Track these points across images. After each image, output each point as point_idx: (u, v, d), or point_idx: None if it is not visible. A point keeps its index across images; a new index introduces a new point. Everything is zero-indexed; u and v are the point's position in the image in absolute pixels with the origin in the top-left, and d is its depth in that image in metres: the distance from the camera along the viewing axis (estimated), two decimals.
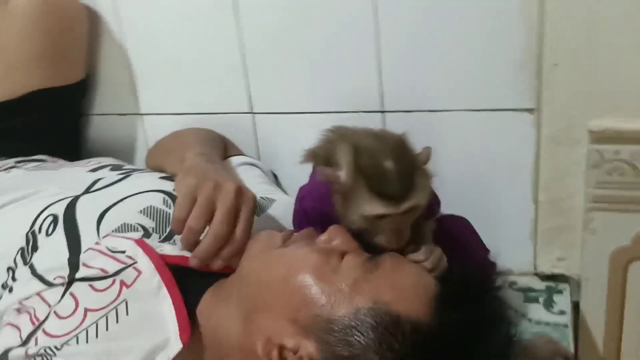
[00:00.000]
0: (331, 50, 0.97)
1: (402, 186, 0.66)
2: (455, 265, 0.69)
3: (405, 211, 0.67)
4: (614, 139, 0.86)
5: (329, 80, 0.98)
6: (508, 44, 0.87)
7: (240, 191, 0.74)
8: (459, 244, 0.80)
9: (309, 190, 0.77)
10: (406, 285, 0.62)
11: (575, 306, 0.97)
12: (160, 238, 0.78)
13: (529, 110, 0.89)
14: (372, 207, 0.66)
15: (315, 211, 0.76)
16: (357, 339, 0.58)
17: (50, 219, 0.78)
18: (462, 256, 0.78)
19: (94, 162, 0.97)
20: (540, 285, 0.97)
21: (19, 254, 0.76)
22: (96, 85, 1.14)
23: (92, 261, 0.72)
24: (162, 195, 0.83)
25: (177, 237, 0.77)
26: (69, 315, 0.68)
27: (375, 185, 0.66)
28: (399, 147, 0.69)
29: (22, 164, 0.99)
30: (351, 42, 0.95)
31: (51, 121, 1.09)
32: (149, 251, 0.73)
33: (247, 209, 0.73)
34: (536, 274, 0.99)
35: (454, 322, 0.59)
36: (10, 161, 0.99)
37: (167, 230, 0.79)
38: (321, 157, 0.75)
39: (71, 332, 0.66)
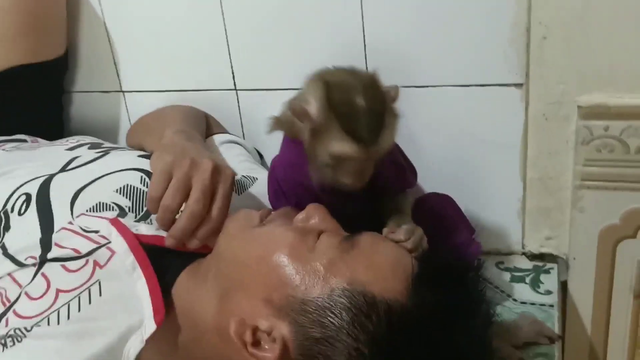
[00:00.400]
0: (315, 25, 0.94)
1: (374, 127, 0.64)
2: (437, 245, 0.67)
3: (373, 154, 0.65)
4: (604, 114, 0.83)
5: (313, 56, 0.94)
6: (496, 17, 0.84)
7: (218, 169, 0.72)
8: (443, 223, 0.78)
9: (280, 160, 0.76)
10: (383, 265, 0.60)
11: (564, 286, 0.96)
12: (136, 217, 0.77)
13: (517, 86, 0.87)
14: (342, 147, 0.64)
15: (289, 181, 0.74)
16: (331, 320, 0.57)
17: (23, 197, 0.76)
18: (445, 236, 0.76)
19: (73, 140, 0.94)
20: (527, 264, 0.96)
21: None
22: (78, 62, 1.12)
23: (65, 241, 0.70)
24: (139, 173, 0.81)
25: (153, 217, 0.75)
26: (41, 296, 0.66)
27: (346, 124, 0.64)
28: (371, 84, 0.67)
29: (1, 144, 0.96)
30: (335, 16, 0.92)
31: (32, 98, 1.07)
32: (123, 231, 0.71)
33: (224, 186, 0.71)
34: (524, 254, 0.98)
35: (431, 303, 0.57)
36: None
37: (144, 209, 0.77)
38: (287, 122, 0.72)
39: (42, 313, 0.65)
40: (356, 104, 0.64)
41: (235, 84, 1.02)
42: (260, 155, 1.05)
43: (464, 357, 0.58)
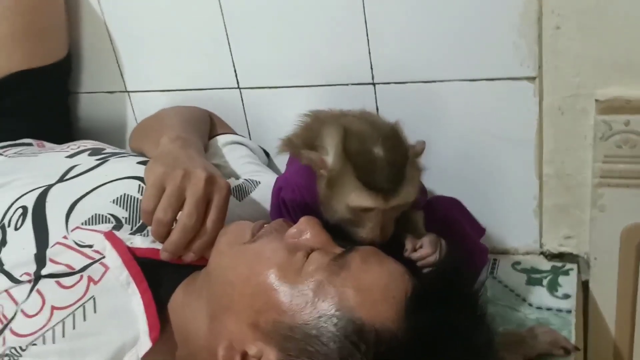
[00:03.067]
0: (316, 20, 0.90)
1: (392, 179, 0.62)
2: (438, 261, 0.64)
3: (392, 207, 0.63)
4: (623, 108, 0.78)
5: (317, 52, 0.92)
6: (505, 6, 0.79)
7: (212, 179, 0.69)
8: (449, 229, 0.74)
9: (287, 181, 0.73)
10: (374, 287, 0.57)
11: (585, 286, 0.91)
12: (132, 229, 0.75)
13: (530, 79, 0.81)
14: (359, 199, 0.62)
15: (295, 203, 0.71)
16: (318, 348, 0.54)
17: (20, 211, 0.75)
18: (450, 243, 0.73)
19: (75, 146, 0.93)
20: (546, 265, 0.91)
21: None
22: (82, 63, 1.10)
23: (59, 256, 0.69)
24: (137, 182, 0.80)
25: (150, 228, 0.73)
26: (36, 314, 0.66)
27: (364, 175, 0.62)
28: (391, 135, 0.64)
29: (5, 149, 0.96)
30: (337, 10, 0.88)
31: (37, 102, 1.06)
32: (117, 245, 0.70)
33: (218, 197, 0.69)
34: (542, 253, 0.93)
35: (423, 330, 0.54)
36: None
37: (141, 220, 0.76)
38: (299, 144, 0.70)
39: (37, 331, 0.64)
40: (374, 154, 0.62)
41: (238, 82, 1.00)
42: (267, 154, 1.03)
43: None
